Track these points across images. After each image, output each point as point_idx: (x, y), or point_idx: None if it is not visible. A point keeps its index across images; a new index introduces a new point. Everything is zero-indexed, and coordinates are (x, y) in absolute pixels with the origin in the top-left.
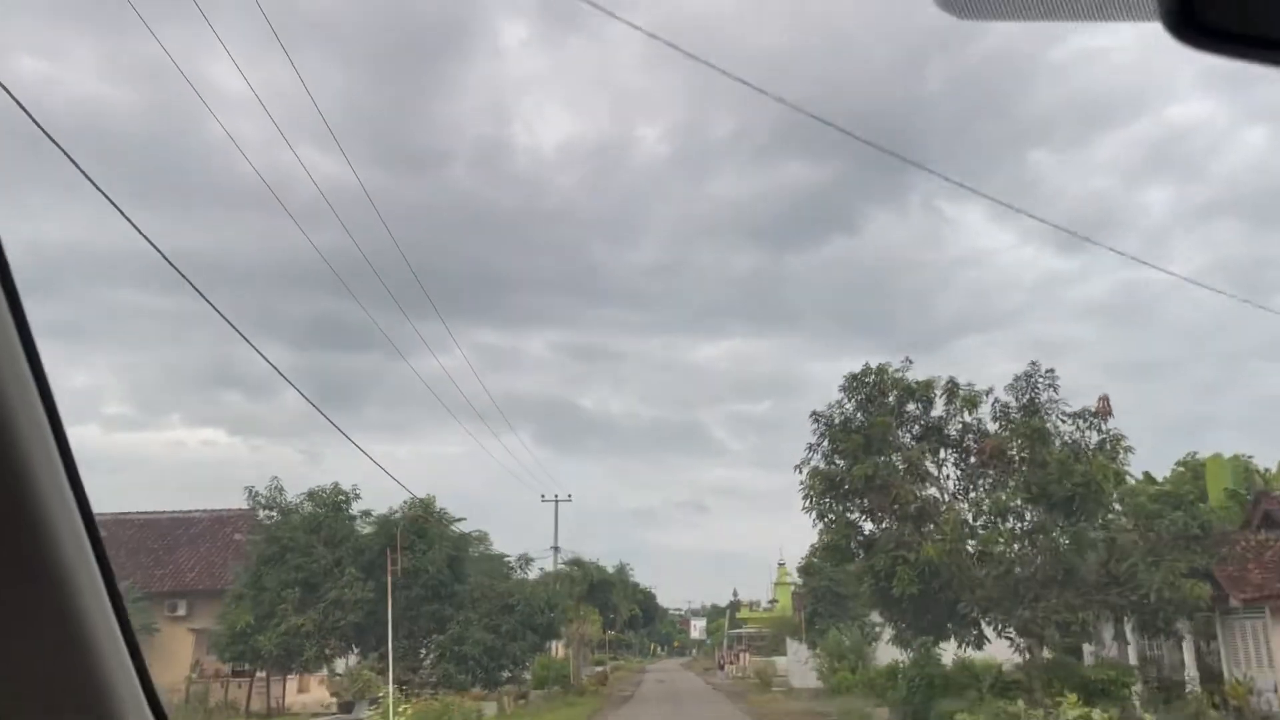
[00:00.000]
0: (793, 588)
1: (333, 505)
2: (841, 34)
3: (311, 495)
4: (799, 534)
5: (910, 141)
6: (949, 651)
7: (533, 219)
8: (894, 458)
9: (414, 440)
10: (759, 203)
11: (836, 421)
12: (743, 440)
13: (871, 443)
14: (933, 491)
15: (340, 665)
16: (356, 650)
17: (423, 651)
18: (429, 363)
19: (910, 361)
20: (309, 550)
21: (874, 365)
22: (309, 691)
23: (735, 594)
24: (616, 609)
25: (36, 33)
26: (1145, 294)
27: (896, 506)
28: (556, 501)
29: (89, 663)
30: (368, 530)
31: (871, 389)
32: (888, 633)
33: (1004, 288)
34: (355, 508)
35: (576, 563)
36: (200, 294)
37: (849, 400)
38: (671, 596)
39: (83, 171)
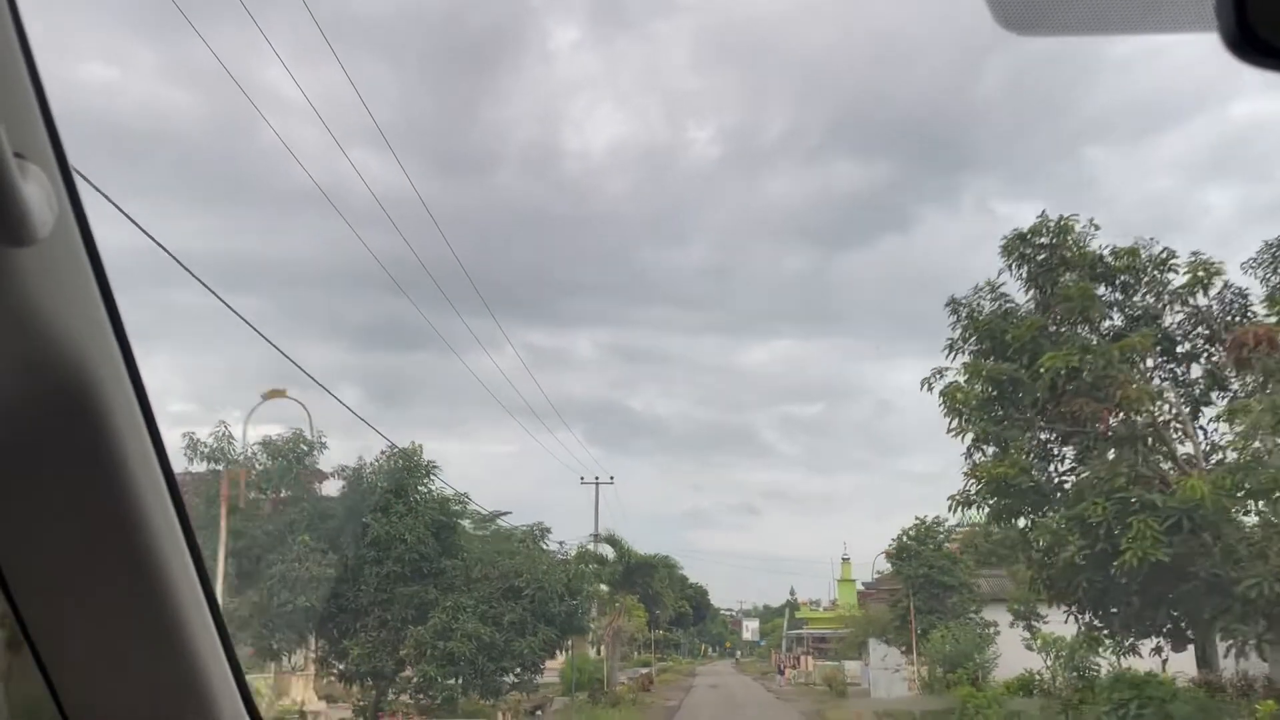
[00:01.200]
0: (859, 585)
1: (293, 457)
2: (894, 34)
3: (265, 444)
4: (850, 536)
5: (965, 142)
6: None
7: (582, 221)
8: (1101, 347)
9: (465, 439)
10: (810, 203)
11: (987, 310)
12: (793, 443)
13: (1058, 326)
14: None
15: (294, 661)
16: (318, 643)
17: (401, 649)
18: (480, 362)
19: (1096, 226)
20: (253, 512)
21: (1051, 220)
22: None
23: (792, 593)
24: (660, 601)
25: (105, 40)
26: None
27: (1121, 417)
28: (597, 484)
29: (187, 662)
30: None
31: (1050, 257)
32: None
33: None
34: (326, 463)
35: (611, 540)
36: (210, 289)
37: (1015, 271)
38: (722, 598)
39: (78, 172)
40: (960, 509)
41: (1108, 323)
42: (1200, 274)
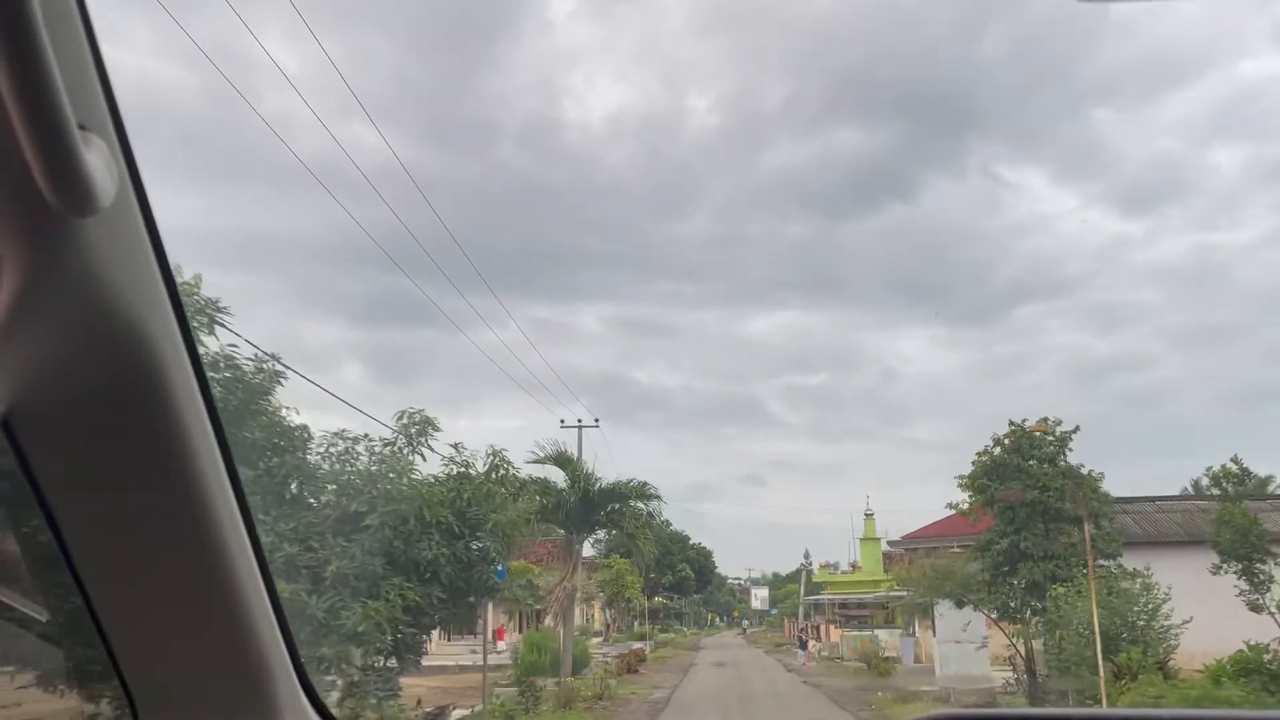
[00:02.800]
0: (883, 543)
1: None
2: None
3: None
4: (858, 504)
5: (969, 106)
6: None
7: (583, 193)
8: None
9: (471, 415)
10: (813, 171)
11: None
12: (799, 413)
13: None
14: None
15: None
16: None
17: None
18: (484, 338)
19: None
20: None
21: None
22: None
23: (807, 556)
24: (636, 548)
25: (96, 14)
26: (1217, 258)
27: None
28: (580, 428)
29: (251, 655)
30: None
31: None
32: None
33: (1066, 254)
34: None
35: (561, 460)
36: None
37: None
38: (730, 568)
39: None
40: None
41: None
42: None
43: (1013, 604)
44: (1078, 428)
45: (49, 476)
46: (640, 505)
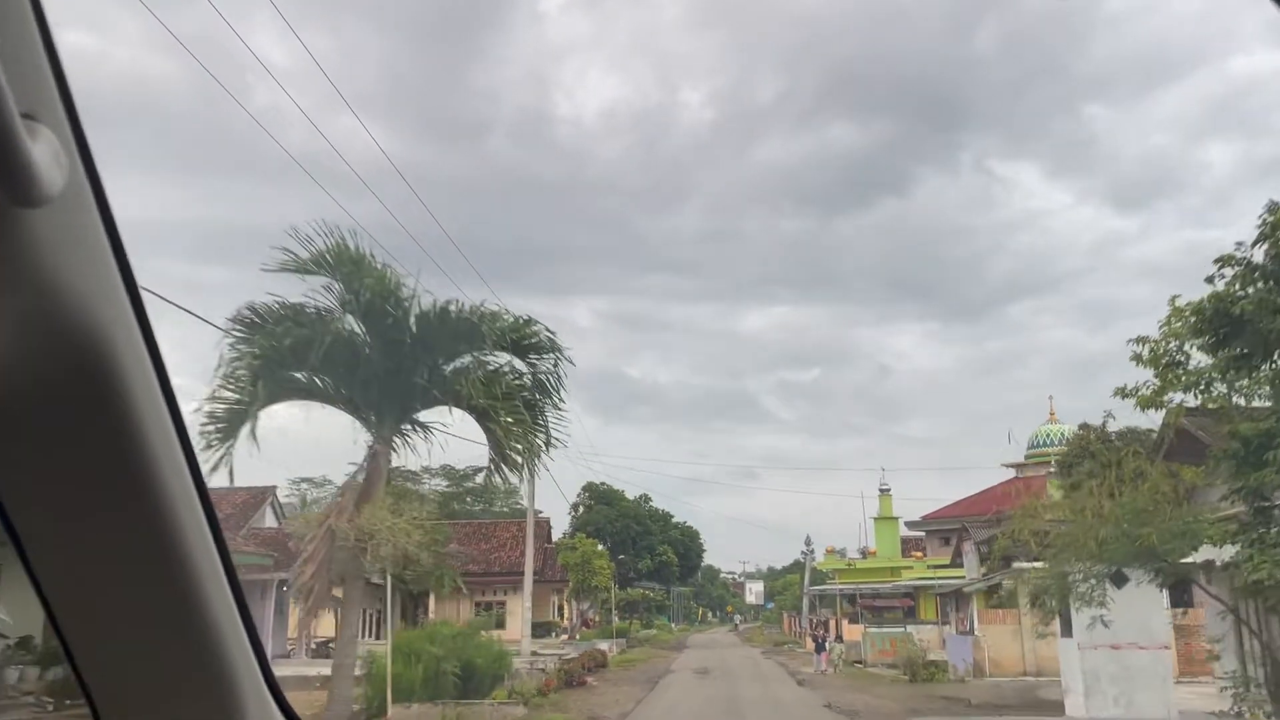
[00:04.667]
0: (901, 523)
1: None
2: None
3: None
4: (851, 500)
5: (962, 100)
6: None
7: (575, 187)
8: None
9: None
10: (806, 166)
11: None
12: (792, 408)
13: None
14: None
15: None
16: None
17: None
18: None
19: None
20: None
21: None
22: None
23: (808, 542)
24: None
25: (86, 6)
26: (1210, 255)
27: None
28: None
29: (217, 660)
30: None
31: None
32: None
33: (1059, 250)
34: None
35: (326, 261)
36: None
37: None
38: (723, 563)
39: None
40: None
41: None
42: None
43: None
44: None
45: (4, 478)
46: (517, 363)
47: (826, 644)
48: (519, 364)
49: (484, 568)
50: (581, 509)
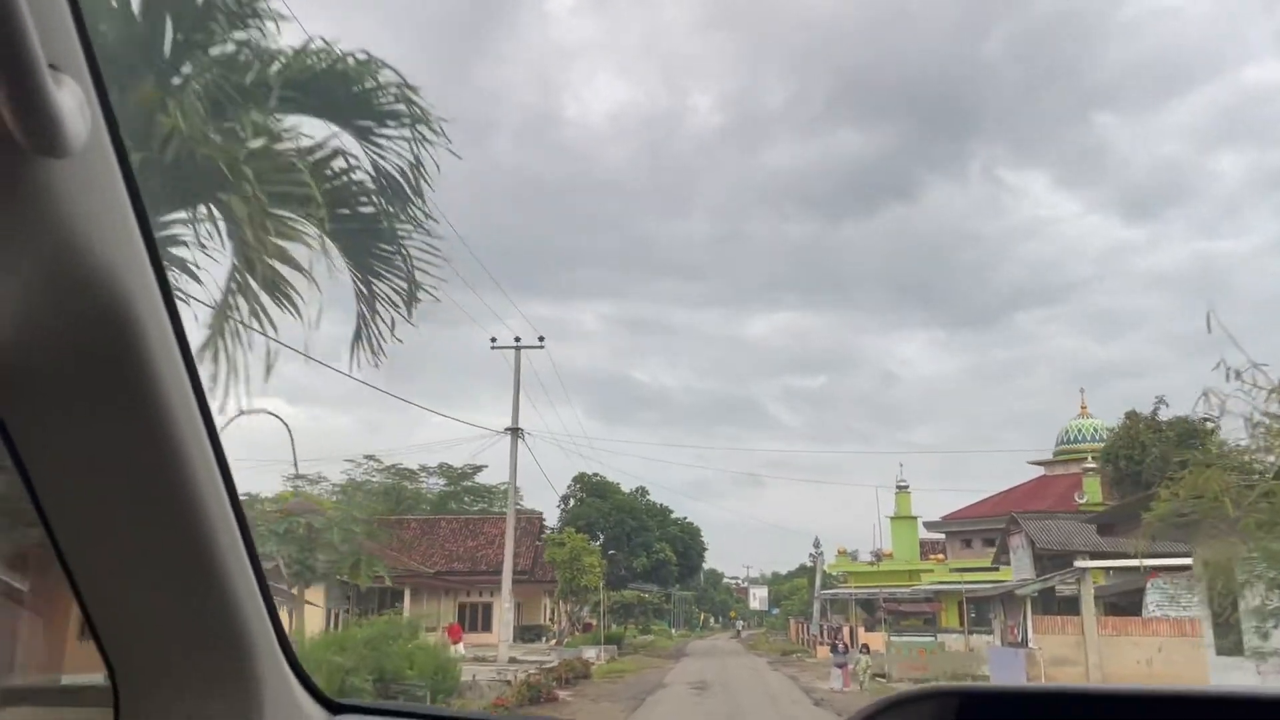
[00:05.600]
0: (920, 522)
1: None
2: None
3: None
4: (856, 507)
5: (971, 107)
6: None
7: (582, 190)
8: None
9: (469, 410)
10: (813, 172)
11: None
12: (797, 414)
13: None
14: None
15: None
16: None
17: None
18: (480, 334)
19: None
20: None
21: None
22: None
23: (817, 544)
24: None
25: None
26: (1219, 265)
27: None
28: (518, 349)
29: (225, 604)
30: None
31: None
32: None
33: (1067, 258)
34: None
35: None
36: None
37: None
38: (726, 568)
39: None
40: None
41: None
42: None
43: None
44: None
45: (23, 433)
46: (346, 139)
47: (848, 651)
48: (351, 141)
49: (469, 566)
50: (572, 501)
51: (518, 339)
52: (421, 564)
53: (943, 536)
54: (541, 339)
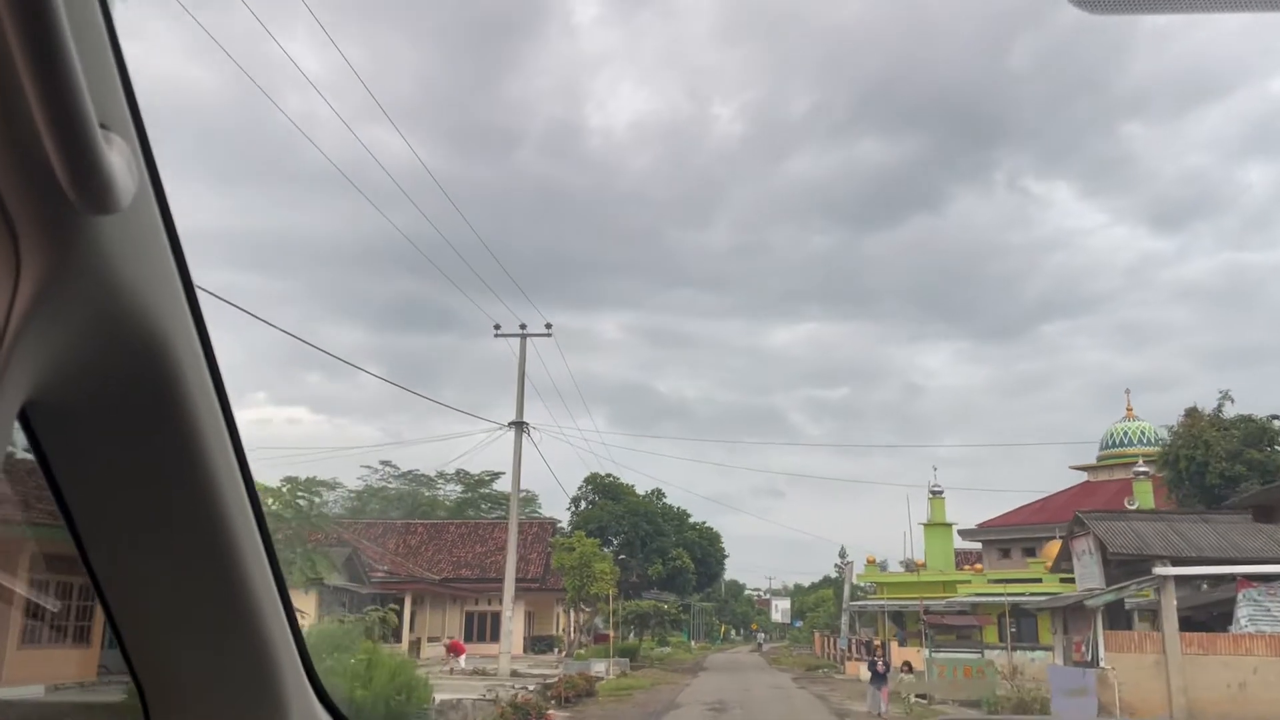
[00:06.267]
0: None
1: None
2: (923, 5)
3: None
4: (878, 520)
5: (997, 117)
6: None
7: (604, 200)
8: None
9: (494, 418)
10: (837, 181)
11: None
12: (820, 425)
13: None
14: None
15: None
16: None
17: None
18: (503, 344)
19: None
20: None
21: None
22: None
23: (843, 554)
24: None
25: (120, 15)
26: (1249, 277)
27: None
28: (523, 336)
29: (257, 642)
30: None
31: None
32: None
33: (1094, 270)
34: None
35: None
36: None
37: None
38: (747, 581)
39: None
40: None
41: None
42: None
43: None
44: None
45: (65, 471)
46: None
47: (887, 667)
48: None
49: (478, 573)
50: (583, 504)
51: (523, 325)
52: (428, 570)
53: (978, 545)
54: (549, 326)
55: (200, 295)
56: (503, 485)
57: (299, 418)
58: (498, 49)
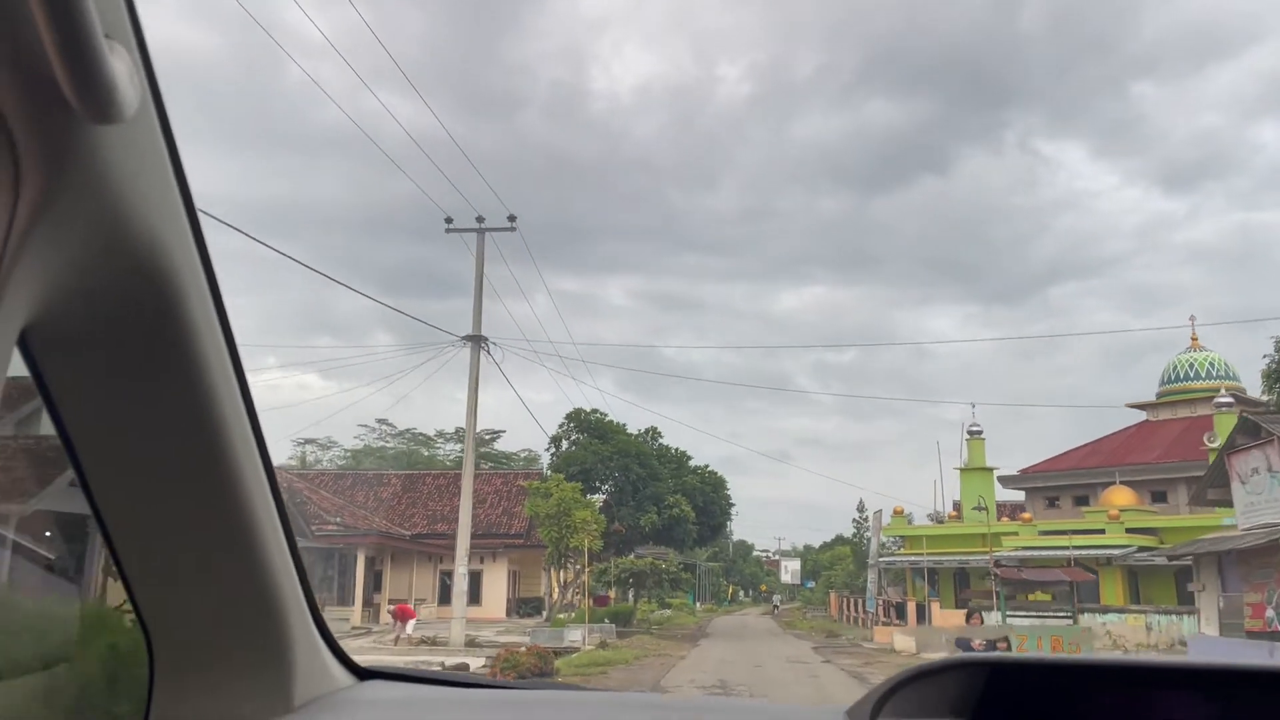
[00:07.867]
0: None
1: None
2: None
3: None
4: (888, 483)
5: (1006, 77)
6: None
7: (610, 164)
8: None
9: (498, 386)
10: (844, 144)
11: None
12: (828, 389)
13: None
14: None
15: None
16: None
17: None
18: (512, 309)
19: None
20: None
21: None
22: None
23: (862, 507)
24: None
25: None
26: (1261, 238)
27: None
28: (480, 231)
29: (270, 603)
30: None
31: None
32: None
33: (1105, 232)
34: None
35: None
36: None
37: None
38: (757, 540)
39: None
40: None
41: None
42: None
43: None
44: None
45: (63, 393)
46: None
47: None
48: None
49: (455, 528)
50: (565, 444)
51: (480, 219)
52: (399, 525)
53: (1021, 495)
54: (512, 218)
55: (201, 219)
56: (504, 444)
57: (309, 384)
58: (500, 10)
